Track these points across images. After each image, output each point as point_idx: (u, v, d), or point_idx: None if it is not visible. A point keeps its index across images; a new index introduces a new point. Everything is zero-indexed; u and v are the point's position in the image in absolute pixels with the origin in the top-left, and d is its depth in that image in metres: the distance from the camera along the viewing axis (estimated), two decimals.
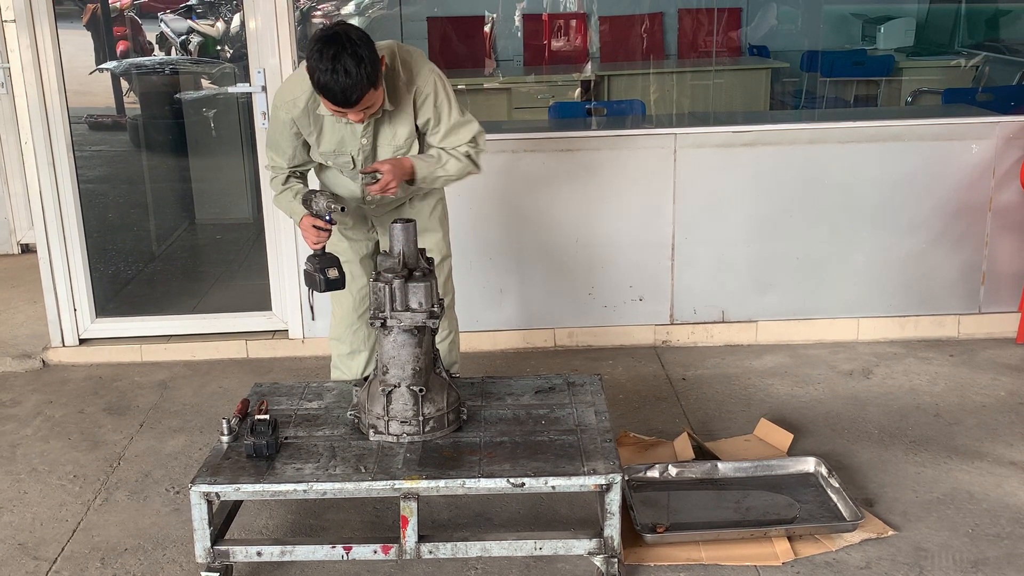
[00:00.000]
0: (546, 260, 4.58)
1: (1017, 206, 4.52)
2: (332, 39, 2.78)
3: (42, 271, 4.55)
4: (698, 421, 3.89)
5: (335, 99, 2.83)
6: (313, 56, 2.78)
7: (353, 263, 3.38)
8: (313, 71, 2.79)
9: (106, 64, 6.16)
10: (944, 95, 6.06)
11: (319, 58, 2.77)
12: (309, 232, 3.06)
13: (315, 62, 2.78)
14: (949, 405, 3.97)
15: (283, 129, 3.13)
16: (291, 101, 3.05)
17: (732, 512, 3.18)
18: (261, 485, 2.72)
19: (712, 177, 4.50)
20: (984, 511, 3.20)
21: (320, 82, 2.80)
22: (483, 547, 2.78)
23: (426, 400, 2.93)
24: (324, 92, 2.83)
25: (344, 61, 2.76)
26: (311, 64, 2.80)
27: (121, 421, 4.03)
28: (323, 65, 2.76)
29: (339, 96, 2.82)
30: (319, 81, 2.80)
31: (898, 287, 4.62)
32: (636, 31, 8.07)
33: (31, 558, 3.10)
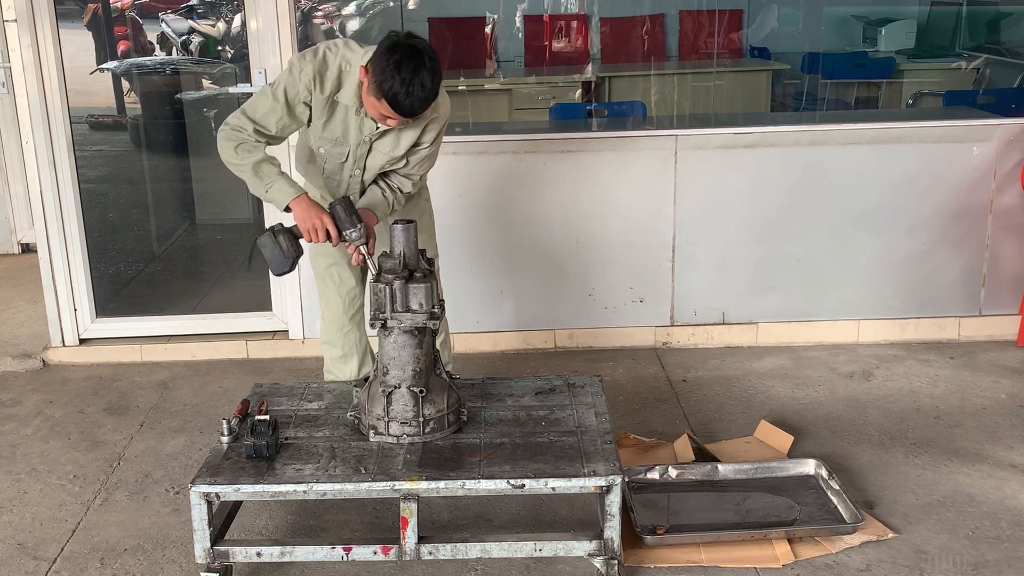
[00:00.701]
0: (546, 261, 4.58)
1: (1018, 208, 4.52)
2: (415, 52, 2.83)
3: (42, 271, 4.55)
4: (698, 423, 3.88)
5: (402, 110, 2.87)
6: (390, 65, 2.80)
7: (341, 265, 3.38)
8: (388, 79, 2.81)
9: (107, 64, 6.16)
10: (945, 97, 6.05)
11: (397, 68, 2.80)
12: (321, 234, 2.99)
13: (392, 71, 2.80)
14: (949, 407, 3.97)
15: (292, 102, 3.04)
16: (320, 78, 3.01)
17: (732, 514, 3.18)
18: (261, 486, 2.72)
19: (713, 179, 4.50)
20: (984, 514, 3.20)
21: (392, 91, 2.82)
22: (483, 548, 2.78)
23: (426, 401, 2.93)
24: (393, 101, 2.85)
25: (423, 76, 2.82)
26: (387, 71, 2.81)
27: (121, 421, 4.03)
28: (402, 76, 2.80)
29: (406, 108, 2.87)
30: (392, 90, 2.82)
31: (899, 289, 4.62)
32: (637, 32, 8.07)
33: (31, 558, 3.10)
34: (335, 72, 3.03)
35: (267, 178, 3.05)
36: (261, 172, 3.05)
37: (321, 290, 3.47)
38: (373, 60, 2.89)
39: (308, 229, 3.01)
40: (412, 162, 3.22)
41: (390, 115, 2.92)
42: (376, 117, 2.99)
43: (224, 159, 3.09)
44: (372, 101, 2.92)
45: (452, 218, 3.55)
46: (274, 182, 3.05)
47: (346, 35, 7.97)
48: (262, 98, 3.08)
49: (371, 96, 2.91)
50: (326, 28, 7.95)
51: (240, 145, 3.05)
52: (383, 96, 2.86)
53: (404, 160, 3.21)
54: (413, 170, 3.25)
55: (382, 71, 2.83)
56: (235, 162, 3.07)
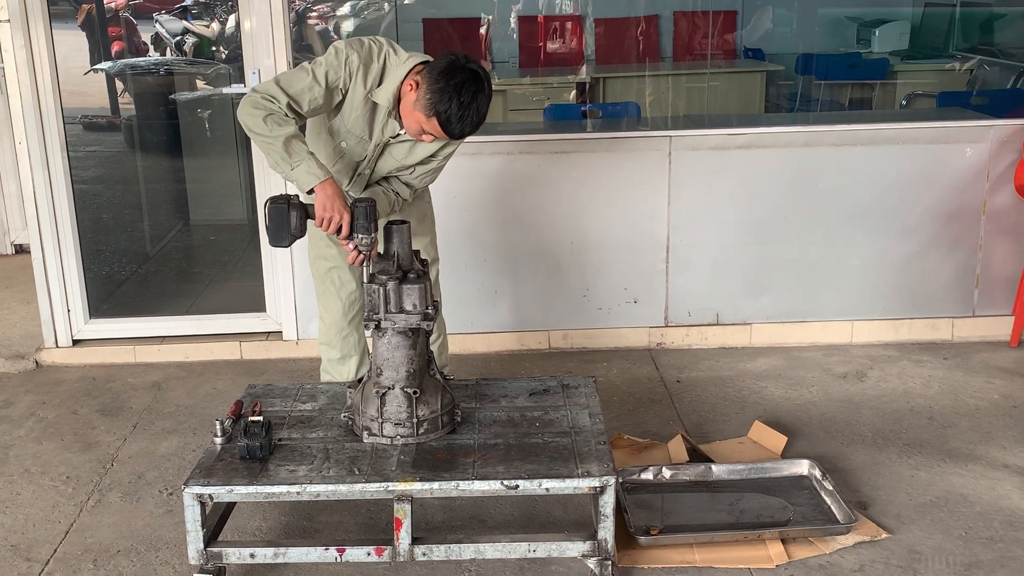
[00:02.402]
0: (541, 262, 4.58)
1: (1011, 209, 4.53)
2: (475, 77, 2.82)
3: (36, 271, 4.54)
4: (692, 423, 3.89)
5: (452, 133, 2.86)
6: (450, 87, 2.78)
7: (342, 268, 3.37)
8: (445, 100, 2.79)
9: (101, 64, 6.14)
10: (939, 98, 6.07)
11: (457, 92, 2.78)
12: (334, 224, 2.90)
13: (451, 93, 2.78)
14: (943, 408, 3.98)
15: (331, 86, 2.97)
16: (361, 73, 2.97)
17: (726, 514, 3.18)
18: (254, 487, 2.72)
19: (707, 180, 4.51)
20: (977, 514, 3.21)
21: (448, 113, 2.80)
22: (477, 549, 2.78)
23: (420, 402, 2.93)
24: (446, 123, 2.83)
25: (480, 102, 2.82)
26: (445, 92, 2.78)
27: (114, 422, 4.03)
28: (461, 99, 2.79)
29: (457, 132, 2.87)
30: (447, 112, 2.80)
31: (892, 290, 4.63)
32: (631, 33, 8.08)
33: (23, 559, 3.09)
34: (378, 69, 2.99)
35: (296, 156, 2.90)
36: (291, 148, 2.89)
37: (320, 292, 3.46)
38: (428, 77, 2.84)
39: (324, 219, 2.90)
40: (418, 172, 3.21)
41: (435, 133, 2.88)
42: (414, 131, 2.95)
43: (248, 126, 2.91)
44: (418, 116, 2.87)
45: (446, 219, 3.55)
46: (303, 161, 2.90)
47: (340, 36, 7.97)
48: (300, 74, 2.97)
49: (418, 112, 2.86)
50: (320, 29, 7.95)
51: (270, 116, 2.88)
52: (435, 115, 2.82)
53: (412, 169, 3.20)
54: (415, 179, 3.23)
55: (440, 91, 2.79)
56: (263, 133, 2.89)
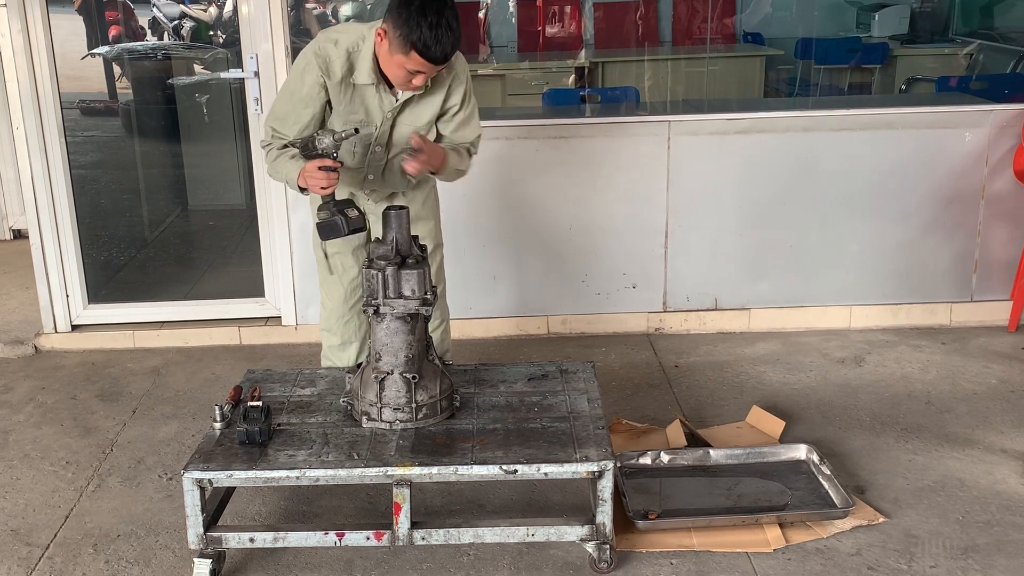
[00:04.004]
0: (539, 247, 4.58)
1: (1010, 194, 4.53)
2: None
3: (34, 257, 4.54)
4: (690, 408, 3.90)
5: (433, 56, 2.81)
6: (413, 13, 2.77)
7: (345, 254, 3.36)
8: (414, 28, 2.77)
9: (98, 49, 6.12)
10: (938, 83, 6.06)
11: (422, 14, 2.76)
12: (316, 176, 2.91)
13: (417, 18, 2.76)
14: (941, 393, 3.99)
15: (308, 96, 3.01)
16: (326, 69, 2.98)
17: (724, 499, 3.19)
18: (254, 472, 2.72)
19: (706, 165, 4.50)
20: (974, 498, 3.22)
21: (422, 38, 2.77)
22: (476, 533, 2.79)
23: (419, 387, 2.93)
24: (424, 48, 2.79)
25: (448, 16, 2.79)
26: (410, 21, 2.77)
27: (114, 407, 4.03)
28: (428, 20, 2.76)
29: (438, 54, 2.81)
30: (421, 38, 2.77)
31: (891, 275, 4.63)
32: (631, 18, 8.06)
33: (24, 544, 3.10)
34: (343, 55, 2.98)
35: (283, 170, 3.06)
36: (278, 168, 3.08)
37: (323, 278, 3.46)
38: (390, 17, 2.83)
39: (315, 186, 2.94)
40: (449, 134, 3.17)
41: (420, 68, 2.85)
42: (401, 80, 2.92)
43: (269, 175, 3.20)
44: (398, 60, 2.85)
45: (446, 204, 3.55)
46: (288, 170, 3.03)
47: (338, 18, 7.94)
48: (278, 102, 3.12)
49: (396, 54, 2.84)
50: (319, 13, 7.91)
51: (267, 153, 3.13)
52: (412, 47, 2.80)
53: (434, 132, 3.16)
54: (457, 136, 3.19)
55: (405, 22, 2.78)
56: (268, 172, 3.15)
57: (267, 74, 4.35)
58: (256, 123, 4.44)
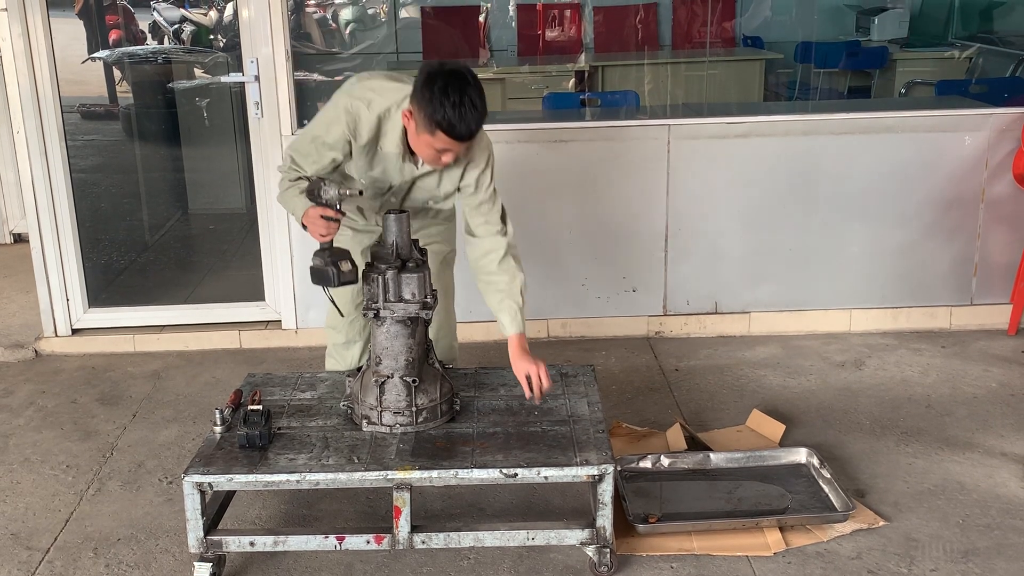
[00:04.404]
0: (539, 251, 4.58)
1: (1009, 198, 4.53)
2: (455, 74, 2.78)
3: (34, 261, 4.54)
4: (691, 412, 3.90)
5: (459, 134, 2.79)
6: (436, 94, 2.74)
7: (355, 254, 3.36)
8: (438, 108, 2.74)
9: (99, 53, 6.13)
10: (937, 87, 6.06)
11: (444, 94, 2.74)
12: (317, 223, 2.92)
13: (440, 98, 2.74)
14: (941, 396, 3.99)
15: (331, 144, 2.99)
16: (353, 129, 2.95)
17: (724, 502, 3.19)
18: (254, 475, 2.73)
19: (706, 168, 4.51)
20: (975, 502, 3.22)
21: (446, 118, 2.75)
22: (476, 537, 2.79)
23: (419, 391, 2.93)
24: (448, 128, 2.77)
25: (471, 94, 2.76)
26: (434, 101, 2.74)
27: (114, 411, 4.03)
28: (451, 99, 2.73)
29: (463, 132, 2.79)
30: (445, 117, 2.75)
31: (890, 278, 4.63)
32: (630, 21, 8.07)
33: (24, 548, 3.10)
34: (373, 120, 2.94)
35: (291, 203, 3.05)
36: (287, 201, 3.07)
37: None
38: (415, 98, 2.80)
39: (311, 231, 2.93)
40: (469, 210, 3.13)
41: (447, 147, 2.82)
42: (431, 158, 2.89)
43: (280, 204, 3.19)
44: (425, 139, 2.83)
45: None
46: (295, 205, 3.01)
47: (339, 23, 7.95)
48: (303, 138, 3.08)
49: (423, 134, 2.82)
50: (319, 17, 7.93)
51: (281, 180, 3.11)
52: (437, 127, 2.77)
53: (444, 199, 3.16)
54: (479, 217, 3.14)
55: (429, 103, 2.76)
56: (287, 207, 3.12)
57: (267, 78, 4.35)
58: (256, 127, 4.45)
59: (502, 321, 3.09)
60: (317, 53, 7.39)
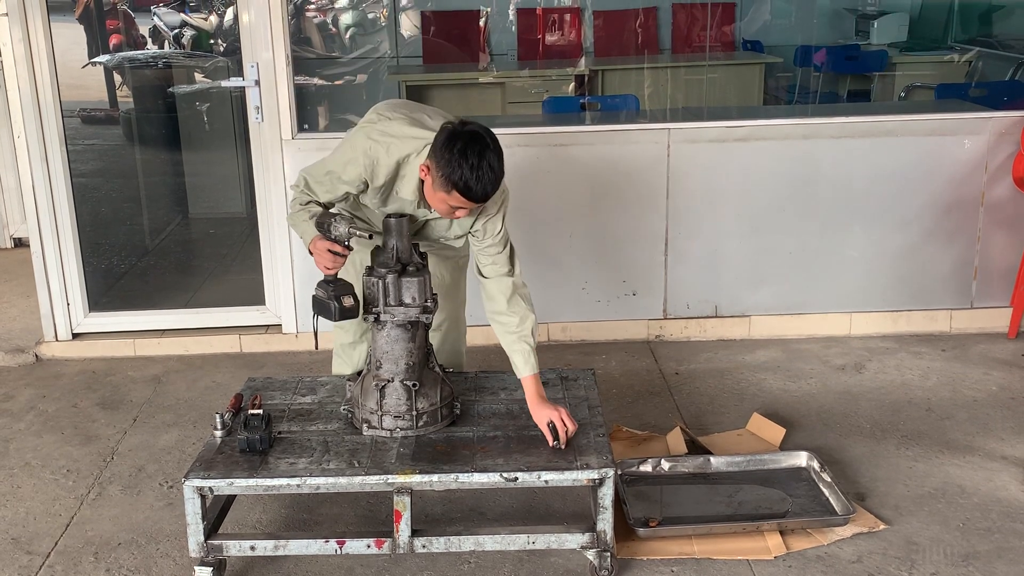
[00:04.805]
0: (539, 255, 4.58)
1: (1009, 201, 4.53)
2: (475, 137, 2.78)
3: (35, 265, 4.54)
4: (691, 415, 3.90)
5: (474, 197, 2.80)
6: (455, 156, 2.75)
7: (363, 252, 3.35)
8: (456, 169, 2.75)
9: (99, 58, 6.14)
10: (937, 90, 6.07)
11: (463, 156, 2.75)
12: (323, 256, 2.92)
13: (458, 160, 2.75)
14: (941, 400, 3.99)
15: (347, 181, 3.00)
16: (371, 172, 2.95)
17: (724, 506, 3.19)
18: (255, 479, 2.73)
19: (706, 172, 4.51)
20: (975, 505, 3.22)
21: (463, 179, 2.76)
22: (476, 541, 2.79)
23: (419, 395, 2.93)
24: (465, 190, 2.78)
25: (489, 158, 2.77)
26: (452, 163, 2.75)
27: (114, 415, 4.03)
28: (469, 162, 2.74)
29: (479, 195, 2.80)
30: (463, 179, 2.76)
31: (891, 282, 4.63)
32: (630, 26, 8.07)
33: (24, 552, 3.10)
34: (392, 164, 2.94)
35: (299, 228, 3.06)
36: (295, 220, 3.08)
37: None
38: (435, 157, 2.81)
39: (317, 262, 2.95)
40: (478, 251, 3.13)
41: (461, 205, 2.84)
42: (444, 212, 2.90)
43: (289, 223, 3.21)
44: (441, 196, 2.84)
45: None
46: (302, 226, 3.03)
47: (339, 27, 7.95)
48: (320, 166, 3.06)
49: (439, 191, 2.83)
50: (319, 21, 7.93)
51: (293, 201, 3.12)
52: (453, 187, 2.78)
53: (463, 239, 3.18)
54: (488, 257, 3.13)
55: (447, 164, 2.77)
56: (296, 229, 3.11)
57: (267, 83, 4.36)
58: (256, 132, 4.45)
59: (515, 362, 3.06)
60: (317, 57, 7.38)
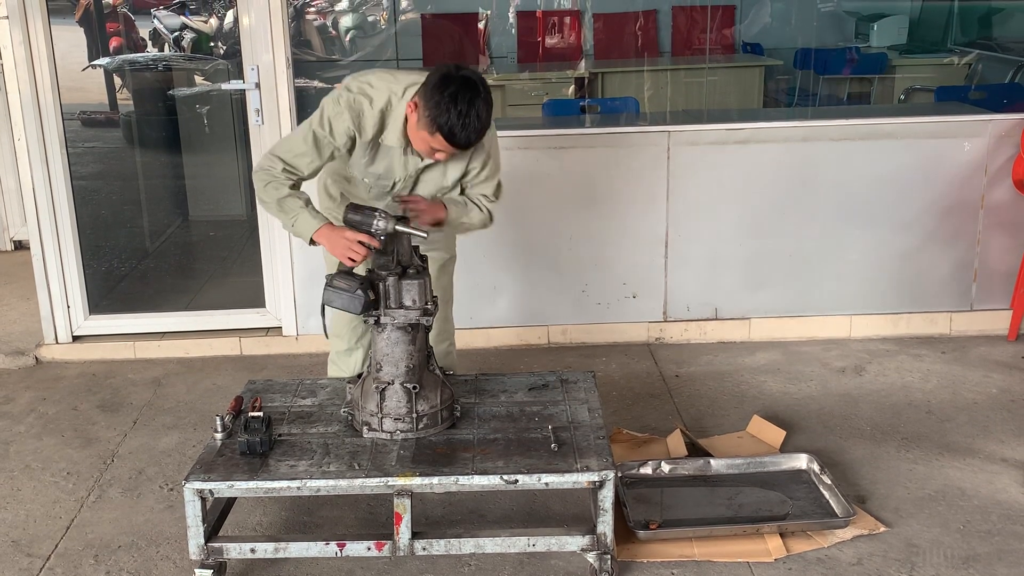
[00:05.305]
0: (540, 257, 4.59)
1: (1009, 204, 4.54)
2: (469, 83, 2.78)
3: (35, 268, 4.54)
4: (691, 418, 3.90)
5: (457, 143, 2.82)
6: (445, 98, 2.75)
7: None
8: (443, 112, 2.76)
9: (99, 60, 6.14)
10: (937, 93, 6.07)
11: (453, 101, 2.75)
12: (354, 248, 2.87)
13: (447, 104, 2.75)
14: (941, 402, 3.99)
15: (333, 143, 2.97)
16: (359, 125, 2.95)
17: (725, 509, 3.19)
18: (255, 482, 2.73)
19: (706, 175, 4.51)
20: (975, 507, 3.22)
21: (449, 124, 2.77)
22: (476, 544, 2.79)
23: (420, 397, 2.93)
24: (449, 134, 2.79)
25: (478, 107, 2.77)
26: (441, 105, 2.75)
27: (115, 418, 4.03)
28: (458, 108, 2.75)
29: (462, 141, 2.81)
30: (448, 123, 2.76)
31: (891, 284, 4.63)
32: (630, 28, 8.07)
33: (25, 555, 3.10)
34: (376, 116, 2.95)
35: (291, 212, 2.97)
36: (285, 207, 2.97)
37: None
38: (424, 94, 2.82)
39: (344, 255, 2.90)
40: (473, 187, 3.14)
41: (442, 148, 2.86)
42: (424, 151, 2.93)
43: (257, 196, 3.06)
44: (423, 136, 2.85)
45: None
46: (298, 215, 2.95)
47: (339, 30, 7.96)
48: (294, 139, 3.01)
49: (422, 131, 2.84)
50: (319, 24, 7.94)
51: (268, 184, 2.98)
52: (437, 130, 2.79)
53: (457, 188, 3.15)
54: (475, 192, 3.15)
55: (436, 105, 2.77)
56: (264, 199, 3.01)
57: (268, 85, 4.36)
58: (257, 134, 4.45)
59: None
60: (317, 60, 7.39)
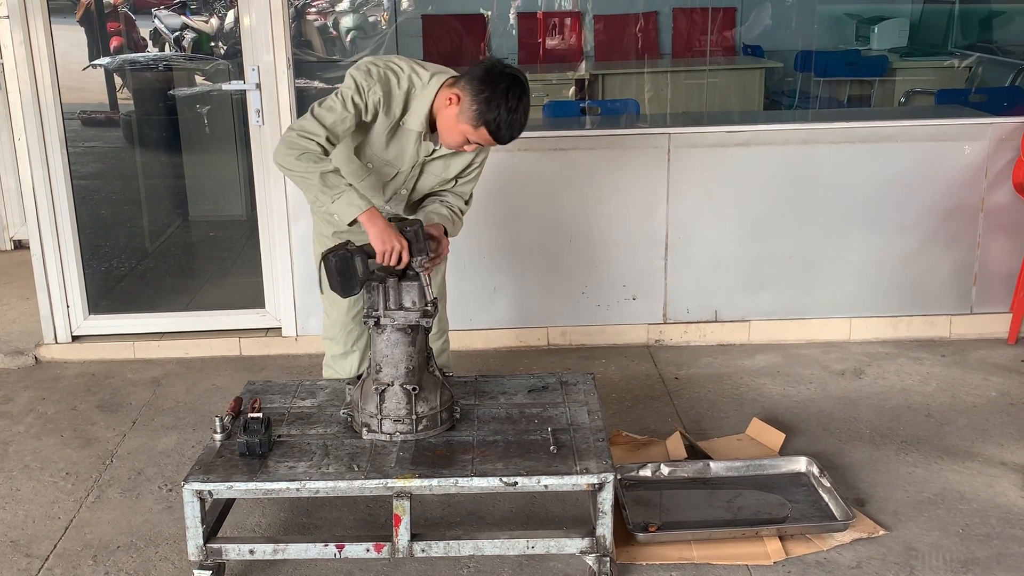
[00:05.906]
0: (539, 259, 4.59)
1: (1009, 207, 4.54)
2: (518, 82, 2.80)
3: (35, 267, 4.54)
4: (690, 420, 3.90)
5: (501, 139, 2.84)
6: (497, 94, 2.77)
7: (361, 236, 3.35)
8: (493, 108, 2.78)
9: (100, 60, 6.14)
10: (937, 96, 6.07)
11: (504, 98, 2.77)
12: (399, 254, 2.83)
13: (499, 100, 2.77)
14: (940, 405, 3.99)
15: (365, 110, 2.93)
16: (388, 104, 2.94)
17: (724, 511, 3.19)
18: (254, 483, 2.72)
19: (706, 177, 4.51)
20: (974, 511, 3.22)
21: (497, 120, 2.78)
22: (476, 546, 2.79)
23: (419, 399, 2.93)
24: (495, 130, 2.80)
25: (525, 105, 2.81)
26: (492, 100, 2.77)
27: (114, 418, 4.03)
28: (509, 104, 2.77)
29: (507, 136, 2.84)
30: (497, 119, 2.78)
31: (890, 287, 4.64)
32: (631, 30, 8.08)
33: (23, 555, 3.10)
34: (402, 96, 2.96)
35: (335, 189, 2.86)
36: (329, 182, 2.86)
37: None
38: (470, 89, 2.82)
39: (385, 252, 2.84)
40: (460, 182, 3.18)
41: (482, 142, 2.87)
42: (456, 144, 2.92)
43: (284, 165, 2.89)
44: (463, 128, 2.85)
45: None
46: (342, 194, 2.85)
47: (340, 30, 7.96)
48: (333, 107, 2.92)
49: (463, 124, 2.84)
50: (320, 24, 7.94)
51: (304, 154, 2.85)
52: (483, 125, 2.80)
53: (454, 182, 3.18)
54: (463, 189, 3.20)
55: (486, 101, 2.78)
56: (298, 170, 2.87)
57: (268, 85, 4.36)
58: (257, 135, 4.46)
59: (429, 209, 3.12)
60: (318, 60, 7.39)
